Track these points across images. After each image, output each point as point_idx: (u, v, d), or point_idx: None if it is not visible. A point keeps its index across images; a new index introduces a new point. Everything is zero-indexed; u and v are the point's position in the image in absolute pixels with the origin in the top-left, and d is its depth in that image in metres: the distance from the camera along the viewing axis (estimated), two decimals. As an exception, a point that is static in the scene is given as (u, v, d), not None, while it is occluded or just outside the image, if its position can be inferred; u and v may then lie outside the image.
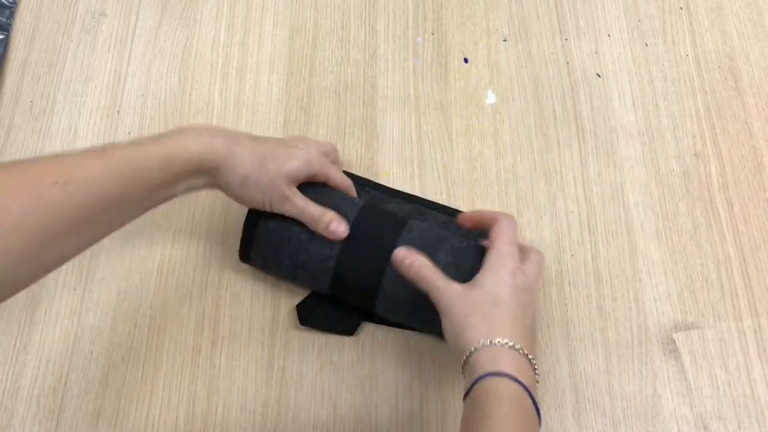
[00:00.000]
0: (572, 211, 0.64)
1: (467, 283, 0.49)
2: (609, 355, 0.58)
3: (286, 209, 0.53)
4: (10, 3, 0.71)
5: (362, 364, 0.58)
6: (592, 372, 0.58)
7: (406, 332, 0.59)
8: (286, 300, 0.60)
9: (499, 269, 0.49)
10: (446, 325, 0.48)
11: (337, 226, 0.53)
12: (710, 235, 0.63)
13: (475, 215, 0.56)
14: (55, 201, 0.41)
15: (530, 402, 0.44)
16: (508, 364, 0.45)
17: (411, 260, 0.51)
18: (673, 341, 0.59)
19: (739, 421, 0.56)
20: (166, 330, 0.59)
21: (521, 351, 0.46)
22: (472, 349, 0.46)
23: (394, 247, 0.52)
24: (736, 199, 0.64)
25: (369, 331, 0.59)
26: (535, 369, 0.47)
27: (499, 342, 0.45)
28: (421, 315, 0.53)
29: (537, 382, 0.47)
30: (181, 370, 0.58)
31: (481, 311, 0.47)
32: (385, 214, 0.56)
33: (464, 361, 0.46)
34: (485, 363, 0.45)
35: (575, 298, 0.61)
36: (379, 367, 0.58)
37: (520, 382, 0.44)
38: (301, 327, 0.58)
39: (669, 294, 0.61)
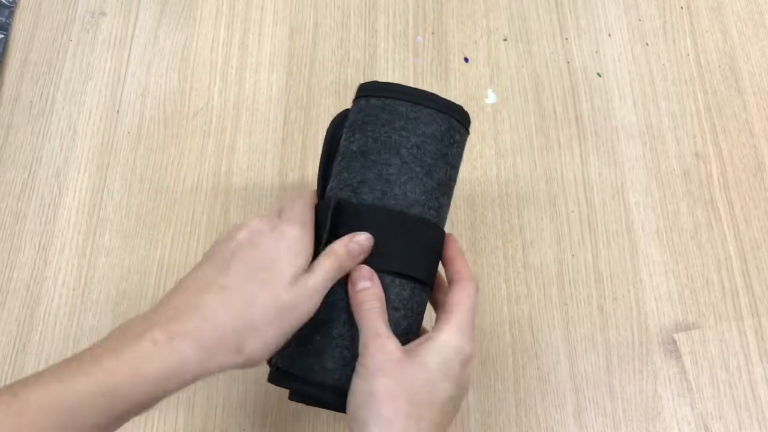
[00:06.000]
0: (573, 211, 0.64)
1: (408, 349, 0.40)
2: (609, 356, 0.58)
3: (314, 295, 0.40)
4: (10, 2, 0.71)
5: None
6: (592, 372, 0.58)
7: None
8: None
9: (451, 353, 0.39)
10: (358, 390, 0.39)
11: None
12: (711, 235, 0.63)
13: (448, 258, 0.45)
14: None
15: None
16: None
17: (367, 288, 0.41)
18: (674, 341, 0.59)
19: (739, 421, 0.56)
20: (166, 330, 0.59)
21: None
22: None
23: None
24: (737, 199, 0.64)
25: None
26: None
27: None
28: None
29: None
30: (181, 371, 0.58)
31: (409, 399, 0.38)
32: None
33: None
34: None
35: (576, 298, 0.60)
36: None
37: None
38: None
39: (670, 294, 0.61)
